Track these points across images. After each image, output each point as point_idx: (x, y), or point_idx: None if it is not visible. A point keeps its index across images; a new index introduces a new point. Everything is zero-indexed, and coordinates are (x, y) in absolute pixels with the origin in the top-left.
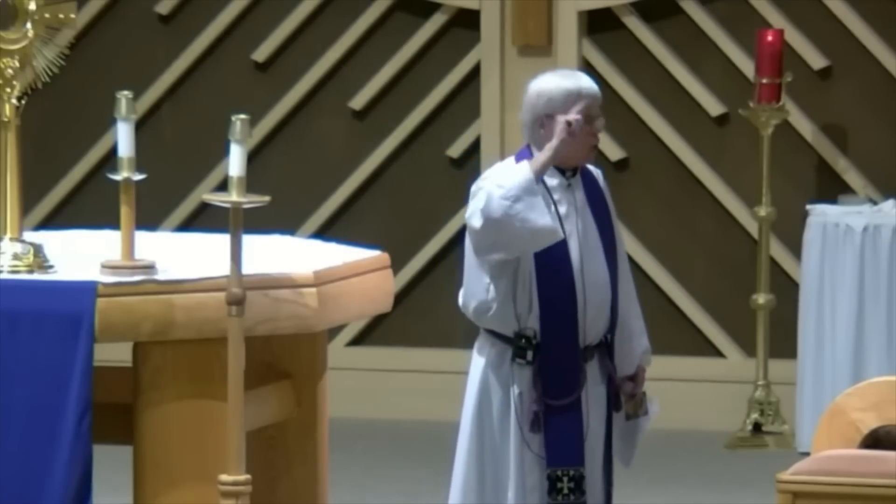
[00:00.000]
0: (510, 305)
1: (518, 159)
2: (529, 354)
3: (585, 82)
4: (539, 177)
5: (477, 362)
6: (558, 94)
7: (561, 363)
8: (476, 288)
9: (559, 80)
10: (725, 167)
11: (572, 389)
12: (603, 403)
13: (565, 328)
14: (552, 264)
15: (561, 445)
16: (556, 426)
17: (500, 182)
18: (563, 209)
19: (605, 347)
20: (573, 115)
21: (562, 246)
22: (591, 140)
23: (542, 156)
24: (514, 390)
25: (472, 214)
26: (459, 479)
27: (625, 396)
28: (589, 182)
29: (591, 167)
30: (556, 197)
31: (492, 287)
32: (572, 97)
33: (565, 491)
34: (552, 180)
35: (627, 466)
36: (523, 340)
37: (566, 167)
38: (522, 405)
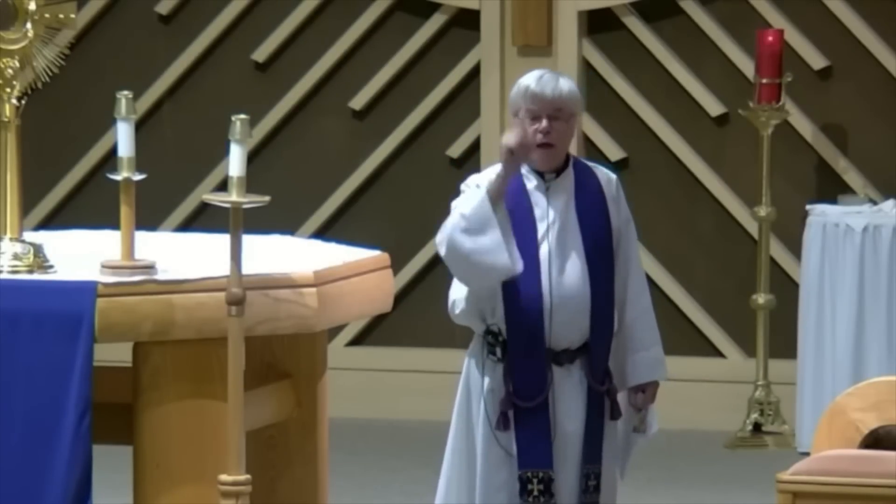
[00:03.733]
0: (474, 305)
1: None
2: (499, 351)
3: (542, 83)
4: (496, 201)
5: (465, 356)
6: (514, 94)
7: (527, 365)
8: (452, 285)
9: (521, 80)
10: (725, 167)
11: (538, 392)
12: (581, 407)
13: (530, 331)
14: None
15: (530, 447)
16: (525, 427)
17: (464, 211)
18: (538, 212)
19: (589, 353)
20: (511, 139)
21: (532, 248)
22: (535, 138)
23: (494, 181)
24: (486, 383)
25: (440, 242)
26: (444, 476)
27: (633, 408)
28: (584, 186)
29: (602, 171)
30: (532, 200)
31: (460, 286)
32: (520, 96)
33: (535, 493)
34: (530, 183)
35: (620, 479)
36: (490, 336)
37: (540, 170)
38: (493, 400)
